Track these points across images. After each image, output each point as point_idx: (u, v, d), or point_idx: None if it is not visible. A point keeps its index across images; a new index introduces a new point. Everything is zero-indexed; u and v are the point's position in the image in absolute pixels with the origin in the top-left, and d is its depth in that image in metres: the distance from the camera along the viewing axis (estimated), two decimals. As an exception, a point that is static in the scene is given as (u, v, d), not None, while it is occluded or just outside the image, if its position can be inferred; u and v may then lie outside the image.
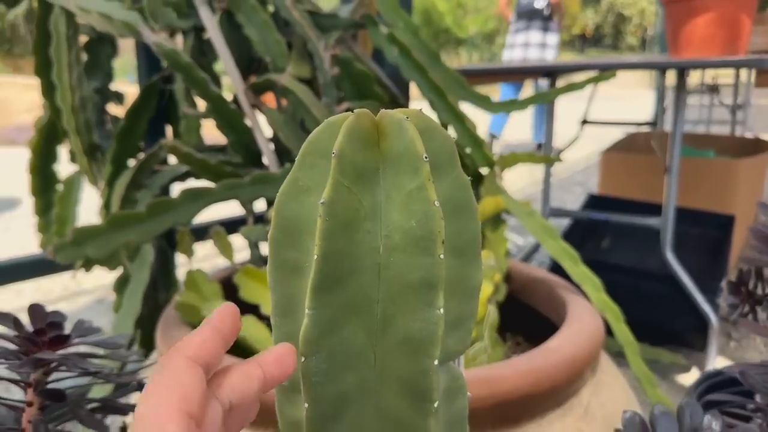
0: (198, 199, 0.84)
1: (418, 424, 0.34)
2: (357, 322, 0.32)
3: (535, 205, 1.25)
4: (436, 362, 0.32)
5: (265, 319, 0.91)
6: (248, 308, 0.93)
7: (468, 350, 0.82)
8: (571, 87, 1.16)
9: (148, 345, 1.11)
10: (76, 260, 0.81)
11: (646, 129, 2.97)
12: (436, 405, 0.34)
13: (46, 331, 0.55)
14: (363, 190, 0.31)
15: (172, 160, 1.19)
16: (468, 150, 1.14)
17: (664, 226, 1.66)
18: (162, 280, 1.18)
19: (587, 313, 0.90)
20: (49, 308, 0.57)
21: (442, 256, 0.31)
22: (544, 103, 2.18)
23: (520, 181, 4.26)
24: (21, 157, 1.40)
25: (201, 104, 1.14)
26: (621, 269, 1.86)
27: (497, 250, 1.14)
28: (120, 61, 1.45)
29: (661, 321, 1.75)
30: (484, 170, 1.31)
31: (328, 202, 0.30)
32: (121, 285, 1.11)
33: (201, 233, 1.30)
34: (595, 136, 3.42)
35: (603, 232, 2.12)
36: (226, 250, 0.95)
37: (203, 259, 2.25)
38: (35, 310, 0.56)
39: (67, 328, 0.55)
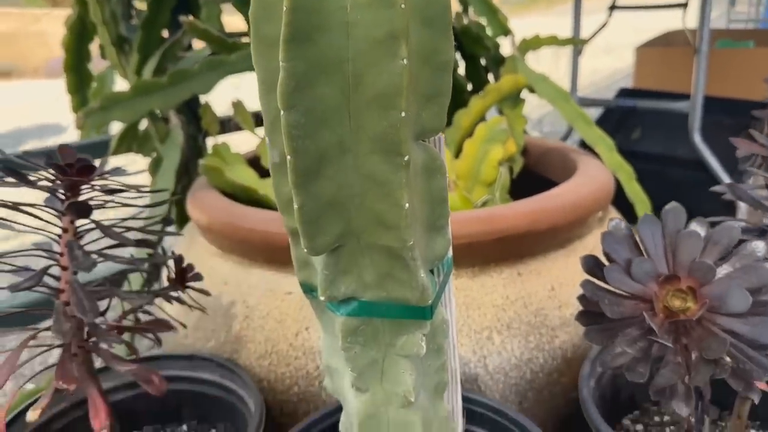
0: (216, 68, 0.88)
1: (391, 179, 0.38)
2: (330, 80, 0.36)
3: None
4: (403, 114, 0.36)
5: (286, 184, 0.96)
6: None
7: (478, 201, 0.85)
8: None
9: (182, 222, 1.18)
10: (104, 125, 0.86)
11: (679, 11, 2.84)
12: (406, 159, 0.37)
13: (75, 165, 0.60)
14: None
15: (197, 46, 1.23)
16: (483, 21, 1.13)
17: (692, 110, 1.63)
18: (193, 165, 1.24)
19: (596, 168, 0.92)
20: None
21: (403, 6, 0.33)
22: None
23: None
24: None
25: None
26: (651, 157, 1.85)
27: (515, 127, 1.15)
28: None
29: (689, 207, 1.74)
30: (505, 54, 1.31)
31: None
32: (154, 166, 1.18)
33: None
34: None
35: (633, 123, 2.09)
36: (247, 121, 0.99)
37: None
38: (64, 149, 0.62)
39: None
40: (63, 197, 0.61)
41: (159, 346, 0.74)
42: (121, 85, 1.41)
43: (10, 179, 0.56)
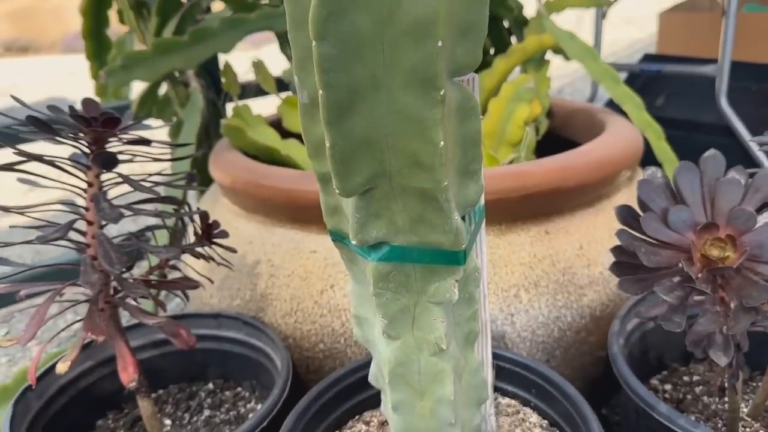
0: (236, 27, 0.87)
1: (426, 115, 0.37)
2: (364, 7, 0.34)
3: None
4: (440, 43, 0.34)
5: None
6: (292, 136, 0.98)
7: (504, 160, 0.84)
8: None
9: (204, 185, 1.18)
10: (126, 84, 0.85)
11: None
12: (442, 93, 0.36)
13: (99, 118, 0.60)
14: None
15: (215, 8, 1.21)
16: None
17: (719, 74, 1.59)
18: (214, 129, 1.23)
19: (625, 127, 0.90)
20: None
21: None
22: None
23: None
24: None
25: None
26: (676, 123, 1.81)
27: (540, 88, 1.13)
28: None
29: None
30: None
31: None
32: (175, 130, 1.17)
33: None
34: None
35: (658, 89, 2.05)
36: (267, 80, 0.98)
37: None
38: (89, 102, 0.61)
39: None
40: (88, 150, 0.60)
41: (186, 303, 0.74)
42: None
43: (35, 130, 0.55)
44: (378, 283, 0.44)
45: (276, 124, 1.06)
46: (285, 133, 0.98)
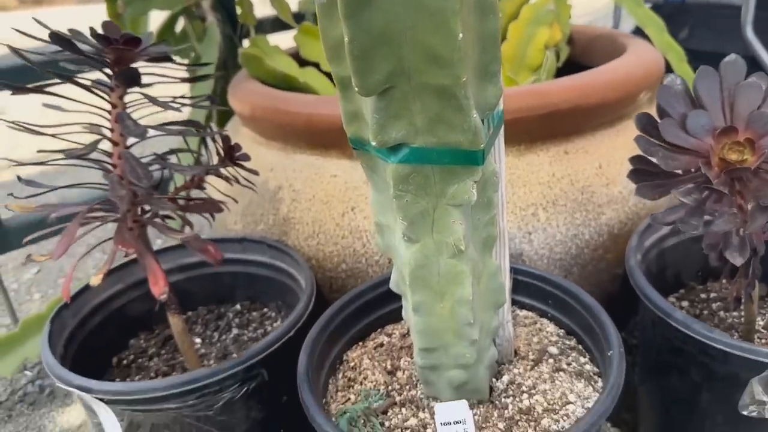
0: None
1: (443, 6, 0.37)
2: None
3: None
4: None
5: (325, 74, 0.96)
6: (309, 65, 0.98)
7: (524, 82, 0.83)
8: None
9: (223, 120, 1.19)
10: (144, 13, 0.86)
11: None
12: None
13: (121, 38, 0.60)
14: None
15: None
16: None
17: (745, 2, 1.55)
18: (231, 62, 1.23)
19: (646, 49, 0.89)
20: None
21: None
22: None
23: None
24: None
25: None
26: (700, 56, 1.77)
27: (561, 14, 1.11)
28: None
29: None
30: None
31: None
32: (194, 64, 1.17)
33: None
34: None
35: (681, 21, 1.99)
36: (284, 10, 0.97)
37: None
38: (109, 24, 0.62)
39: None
40: (110, 71, 0.61)
41: (211, 224, 0.76)
42: None
43: (59, 48, 0.56)
44: (398, 185, 0.45)
45: (293, 55, 1.06)
46: (302, 63, 0.98)
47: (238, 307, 0.85)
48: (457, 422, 0.47)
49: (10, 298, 1.24)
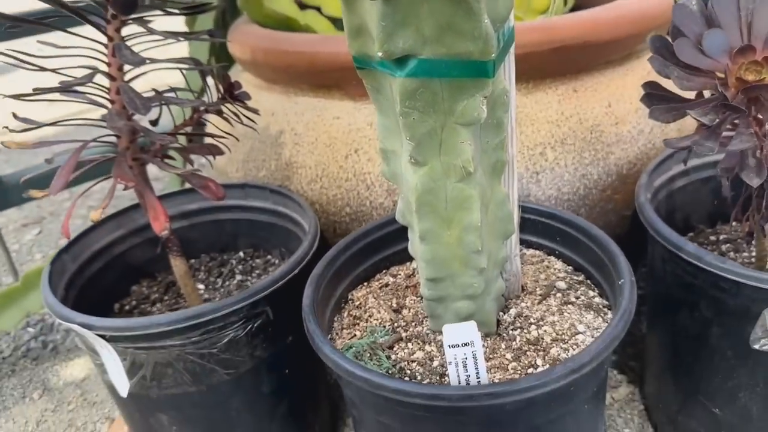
0: None
1: None
2: None
3: None
4: None
5: (326, 18, 0.93)
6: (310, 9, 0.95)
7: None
8: None
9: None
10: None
11: None
12: None
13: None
14: None
15: None
16: None
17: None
18: (230, 15, 1.21)
19: (657, -12, 0.86)
20: None
21: None
22: None
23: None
24: None
25: None
26: None
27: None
28: None
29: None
30: None
31: None
32: (191, 18, 1.15)
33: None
34: None
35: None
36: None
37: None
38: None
39: None
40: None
41: (212, 167, 0.75)
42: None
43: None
44: (405, 101, 0.44)
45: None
46: (303, 6, 0.96)
47: (241, 254, 0.84)
48: (465, 344, 0.46)
49: (12, 258, 1.23)
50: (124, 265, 0.79)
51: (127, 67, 0.62)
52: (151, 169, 1.18)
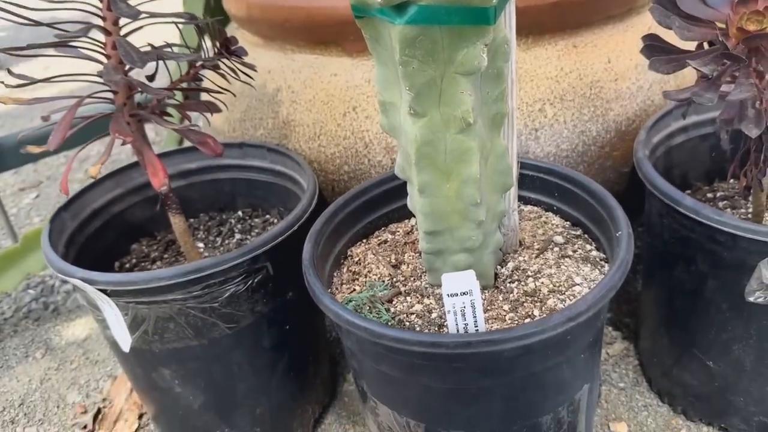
0: None
1: None
2: None
3: None
4: None
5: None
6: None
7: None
8: None
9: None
10: None
11: None
12: None
13: None
14: None
15: None
16: None
17: None
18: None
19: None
20: None
21: None
22: None
23: None
24: None
25: None
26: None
27: None
28: None
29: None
30: None
31: None
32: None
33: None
34: None
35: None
36: None
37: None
38: None
39: None
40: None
41: (209, 125, 0.74)
42: None
43: None
44: (404, 50, 0.43)
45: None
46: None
47: (240, 213, 0.85)
48: (464, 293, 0.46)
49: (11, 222, 1.23)
50: (124, 224, 0.79)
51: (122, 22, 0.61)
52: (149, 133, 1.17)
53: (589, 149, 0.73)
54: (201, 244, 0.80)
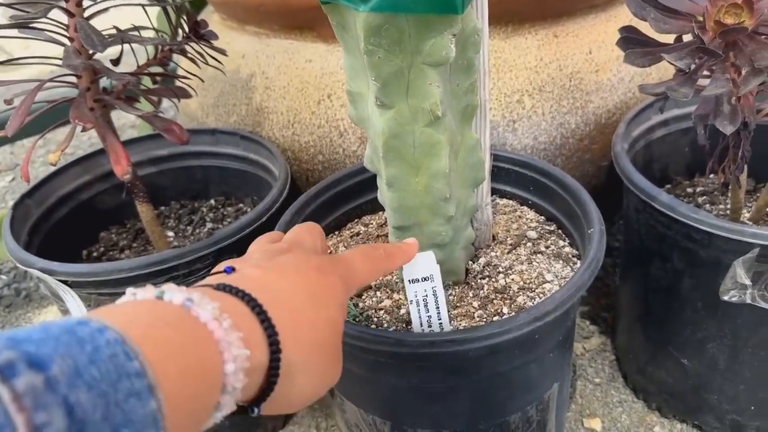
0: None
1: None
2: None
3: None
4: None
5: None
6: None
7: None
8: None
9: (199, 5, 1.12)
10: None
11: None
12: None
13: None
14: None
15: None
16: None
17: None
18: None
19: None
20: None
21: None
22: None
23: None
24: None
25: None
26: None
27: None
28: None
29: None
30: None
31: None
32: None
33: None
34: None
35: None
36: None
37: None
38: None
39: None
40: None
41: (177, 110, 0.72)
42: None
43: None
44: (369, 38, 0.42)
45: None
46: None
47: (212, 202, 0.83)
48: (425, 279, 0.45)
49: (-18, 202, 1.21)
50: (92, 211, 0.77)
51: (86, 4, 0.59)
52: (129, 117, 1.15)
53: (567, 142, 0.72)
54: (171, 233, 0.78)
